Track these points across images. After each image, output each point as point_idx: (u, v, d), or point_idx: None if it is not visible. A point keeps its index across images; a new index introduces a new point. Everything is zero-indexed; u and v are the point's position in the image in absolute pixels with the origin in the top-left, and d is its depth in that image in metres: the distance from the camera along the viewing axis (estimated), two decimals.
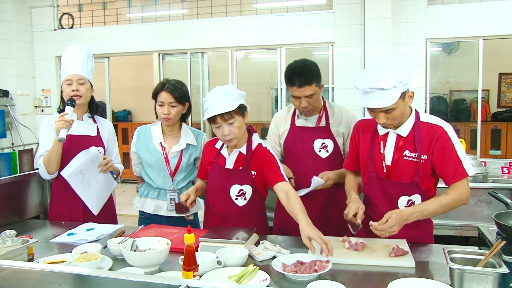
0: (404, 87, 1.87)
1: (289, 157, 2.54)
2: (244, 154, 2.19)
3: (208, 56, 6.55)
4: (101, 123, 2.67)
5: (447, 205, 1.92)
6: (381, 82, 1.82)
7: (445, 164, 1.91)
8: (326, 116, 2.48)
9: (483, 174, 3.42)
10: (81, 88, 2.49)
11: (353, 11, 5.45)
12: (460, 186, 1.92)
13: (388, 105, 1.84)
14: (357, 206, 1.98)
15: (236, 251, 1.85)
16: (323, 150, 2.44)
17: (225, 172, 2.20)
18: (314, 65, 2.37)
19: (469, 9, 5.17)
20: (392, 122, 1.93)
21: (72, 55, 2.52)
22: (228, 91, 2.05)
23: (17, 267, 1.44)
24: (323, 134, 2.45)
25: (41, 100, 6.67)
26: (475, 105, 7.17)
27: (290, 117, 2.54)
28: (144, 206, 2.60)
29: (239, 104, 2.05)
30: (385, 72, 1.84)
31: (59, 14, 6.69)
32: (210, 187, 2.28)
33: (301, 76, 2.28)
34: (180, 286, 1.23)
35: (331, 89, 5.68)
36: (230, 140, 2.10)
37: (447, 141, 1.91)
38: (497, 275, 1.46)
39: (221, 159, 2.24)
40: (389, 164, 2.02)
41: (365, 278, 1.70)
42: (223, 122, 2.04)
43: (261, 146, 2.22)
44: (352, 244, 1.92)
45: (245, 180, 2.18)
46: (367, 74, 1.89)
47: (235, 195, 2.19)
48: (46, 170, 2.45)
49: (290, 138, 2.51)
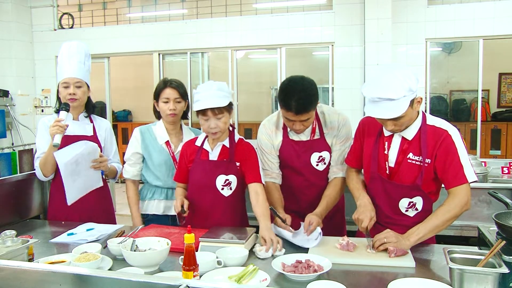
0: (413, 95, 1.82)
1: (286, 169, 2.38)
2: (227, 147, 2.26)
3: (208, 56, 6.56)
4: (97, 122, 2.66)
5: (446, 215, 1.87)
6: (390, 92, 1.76)
7: (447, 168, 1.89)
8: (319, 127, 2.31)
9: (483, 174, 3.41)
10: (78, 91, 2.50)
11: (353, 11, 5.45)
12: (459, 192, 1.88)
13: (398, 115, 1.79)
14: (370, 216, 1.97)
15: (236, 251, 1.86)
16: (320, 163, 2.32)
17: (210, 164, 2.24)
18: (313, 88, 2.14)
19: (469, 9, 5.18)
20: (399, 128, 1.91)
21: (69, 55, 2.50)
22: (221, 87, 2.14)
23: (17, 267, 1.44)
24: (320, 147, 2.31)
25: (41, 100, 6.68)
26: (475, 105, 7.17)
27: (281, 130, 2.34)
28: (151, 209, 2.57)
29: (229, 101, 2.15)
30: (394, 81, 1.77)
31: (59, 14, 6.70)
32: (194, 182, 2.28)
33: (299, 103, 2.07)
34: (180, 286, 1.23)
35: (331, 89, 5.68)
36: (215, 133, 2.17)
37: (451, 145, 1.89)
38: (497, 275, 1.46)
39: (203, 154, 2.27)
40: (392, 165, 2.01)
41: (365, 278, 1.70)
42: (212, 116, 2.12)
43: (243, 140, 2.32)
44: (344, 245, 1.92)
45: (230, 170, 2.23)
46: (375, 82, 1.82)
47: (221, 185, 2.23)
48: (42, 173, 2.48)
49: (285, 152, 2.34)
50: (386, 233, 1.88)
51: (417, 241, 1.86)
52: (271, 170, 2.34)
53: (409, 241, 1.85)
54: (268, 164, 2.35)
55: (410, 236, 1.86)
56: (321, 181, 2.35)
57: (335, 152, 2.32)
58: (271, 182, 2.33)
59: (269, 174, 2.34)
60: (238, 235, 1.99)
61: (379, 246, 1.86)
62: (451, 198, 1.89)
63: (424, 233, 1.86)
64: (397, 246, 1.82)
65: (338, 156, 2.31)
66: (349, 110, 5.32)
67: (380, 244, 1.85)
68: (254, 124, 7.84)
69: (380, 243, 1.85)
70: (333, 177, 2.32)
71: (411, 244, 1.85)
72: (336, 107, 5.58)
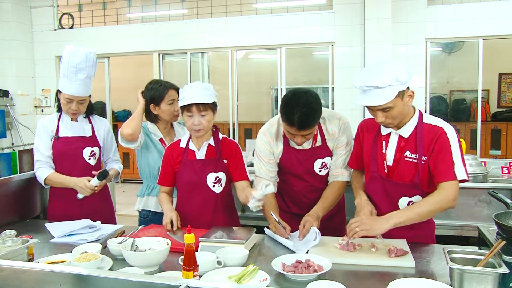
0: (401, 86, 1.85)
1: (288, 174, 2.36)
2: (213, 145, 2.29)
3: (208, 56, 6.56)
4: (96, 123, 2.67)
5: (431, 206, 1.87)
6: (377, 80, 1.83)
7: (438, 163, 1.90)
8: (321, 133, 2.28)
9: (483, 174, 3.41)
10: (81, 107, 2.53)
11: (353, 11, 5.45)
12: (447, 187, 1.88)
13: (383, 103, 1.84)
14: (371, 210, 1.99)
15: (236, 251, 1.85)
16: (323, 169, 2.31)
17: (199, 163, 2.26)
18: (317, 103, 2.06)
19: (469, 9, 5.18)
20: (391, 121, 1.93)
21: (78, 68, 2.41)
22: (207, 87, 2.21)
23: (17, 267, 1.44)
24: (322, 154, 2.29)
25: (41, 100, 6.68)
26: (475, 105, 7.17)
27: (282, 138, 2.30)
28: (148, 205, 2.59)
29: (213, 100, 2.20)
30: (381, 71, 1.84)
31: (59, 14, 6.70)
32: (184, 183, 2.29)
33: (301, 120, 2.02)
34: (180, 286, 1.23)
35: (331, 89, 5.69)
36: (198, 131, 2.20)
37: (445, 142, 1.90)
38: (497, 275, 1.46)
39: (190, 154, 2.29)
40: (390, 164, 2.02)
41: (365, 278, 1.70)
42: (197, 112, 2.16)
43: (226, 138, 2.37)
44: (343, 245, 1.92)
45: (219, 167, 2.27)
46: (365, 73, 1.90)
47: (212, 183, 2.26)
48: (44, 184, 2.54)
49: (287, 160, 2.30)
50: (358, 221, 1.87)
51: (397, 224, 1.84)
52: (267, 178, 2.31)
53: (388, 223, 1.83)
54: (265, 171, 2.33)
55: (391, 218, 1.85)
56: (324, 185, 2.35)
57: (335, 156, 2.31)
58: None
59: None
60: (238, 235, 1.99)
61: (353, 235, 1.84)
62: (439, 192, 1.89)
63: (405, 218, 1.85)
64: (371, 232, 1.82)
65: (338, 160, 2.31)
66: (349, 110, 5.32)
67: (353, 234, 1.84)
68: (254, 124, 7.84)
69: (353, 233, 1.84)
70: (332, 180, 2.32)
71: (390, 226, 1.83)
72: (336, 107, 5.58)
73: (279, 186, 2.38)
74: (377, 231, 1.84)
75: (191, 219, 2.21)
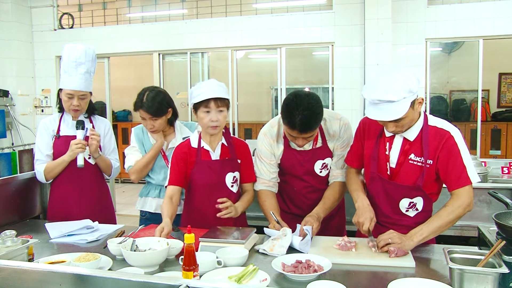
0: (413, 96, 1.81)
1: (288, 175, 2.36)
2: (226, 145, 2.28)
3: (208, 56, 6.55)
4: (97, 122, 2.67)
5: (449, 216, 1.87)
6: (390, 94, 1.75)
7: (450, 170, 1.89)
8: (321, 134, 2.28)
9: (483, 174, 3.41)
10: (82, 102, 2.52)
11: (353, 11, 5.45)
12: (462, 193, 1.88)
13: (398, 117, 1.79)
14: (370, 217, 1.97)
15: (236, 251, 1.85)
16: (324, 170, 2.31)
17: (216, 163, 2.24)
18: (318, 106, 2.05)
19: (469, 9, 5.18)
20: (401, 129, 1.91)
21: (77, 63, 2.45)
22: (220, 84, 2.20)
23: (17, 267, 1.44)
24: (323, 155, 2.28)
25: (41, 100, 6.68)
26: (475, 105, 7.17)
27: (282, 139, 2.30)
28: (145, 206, 2.61)
29: (229, 97, 2.21)
30: (393, 82, 1.76)
31: (59, 14, 6.69)
32: (202, 184, 2.24)
33: (303, 122, 2.01)
34: (180, 286, 1.23)
35: (331, 89, 5.68)
36: (215, 127, 2.16)
37: (453, 147, 1.88)
38: (497, 275, 1.46)
39: (204, 154, 2.24)
40: (394, 166, 2.00)
41: (365, 278, 1.70)
42: (215, 107, 2.13)
43: (236, 138, 2.38)
44: (342, 245, 1.92)
45: (235, 167, 2.28)
46: (375, 84, 1.81)
47: (231, 183, 2.26)
48: (45, 177, 2.52)
49: (287, 161, 2.30)
50: (390, 234, 1.87)
51: (420, 241, 1.86)
52: (268, 179, 2.32)
53: (412, 241, 1.85)
54: (265, 172, 2.33)
55: (414, 236, 1.86)
56: (325, 185, 2.34)
57: (336, 157, 2.31)
58: (267, 190, 2.32)
59: (265, 183, 2.33)
60: (238, 235, 1.99)
61: (384, 246, 1.85)
62: (454, 200, 1.89)
63: (427, 234, 1.86)
64: (401, 247, 1.82)
65: (338, 161, 2.30)
66: (349, 110, 5.33)
67: (384, 244, 1.85)
68: (254, 124, 7.84)
69: (385, 243, 1.85)
70: (333, 181, 2.32)
71: (415, 244, 1.85)
72: (336, 107, 5.58)
73: (280, 187, 2.38)
74: (407, 248, 1.84)
75: (212, 220, 2.19)
